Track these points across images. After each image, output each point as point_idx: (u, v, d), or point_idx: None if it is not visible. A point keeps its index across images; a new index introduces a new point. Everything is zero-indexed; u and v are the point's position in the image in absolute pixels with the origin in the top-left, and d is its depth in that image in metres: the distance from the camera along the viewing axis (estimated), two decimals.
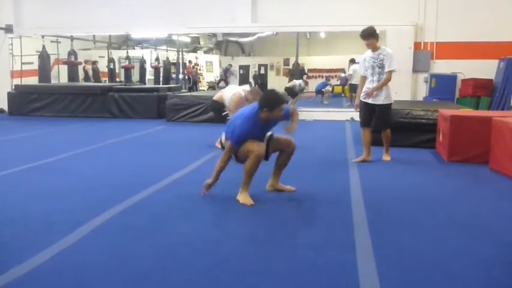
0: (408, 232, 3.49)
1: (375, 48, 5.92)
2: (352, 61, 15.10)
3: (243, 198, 4.19)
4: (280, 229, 3.54)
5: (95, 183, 4.93)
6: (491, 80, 10.66)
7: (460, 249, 3.17)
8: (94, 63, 18.91)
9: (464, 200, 4.47)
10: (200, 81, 22.36)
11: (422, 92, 11.20)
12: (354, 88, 13.17)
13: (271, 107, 4.18)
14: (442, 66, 11.01)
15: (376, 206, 4.09)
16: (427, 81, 11.09)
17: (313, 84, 19.27)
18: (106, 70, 18.77)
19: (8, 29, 12.87)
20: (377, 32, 5.95)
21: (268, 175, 4.53)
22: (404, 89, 11.02)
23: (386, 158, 6.26)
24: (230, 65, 23.90)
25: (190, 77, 20.72)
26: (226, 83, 21.74)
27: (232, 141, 4.24)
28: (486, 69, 10.59)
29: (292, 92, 14.22)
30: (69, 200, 4.28)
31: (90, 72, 18.48)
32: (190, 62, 21.19)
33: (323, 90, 17.19)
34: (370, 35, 5.85)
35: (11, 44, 13.62)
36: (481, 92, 10.60)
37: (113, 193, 4.47)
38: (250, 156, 4.15)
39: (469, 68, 10.69)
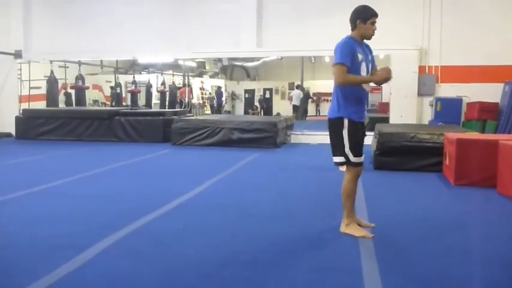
0: (416, 257, 3.43)
1: None
2: None
3: (352, 229, 3.86)
4: (285, 252, 3.50)
5: (99, 207, 4.92)
6: (497, 103, 10.64)
7: (468, 276, 3.11)
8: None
9: (472, 225, 4.42)
10: (205, 106, 22.46)
11: (427, 116, 11.20)
12: None
13: (363, 16, 3.85)
14: (447, 90, 11.03)
15: (382, 230, 4.04)
16: (432, 105, 11.10)
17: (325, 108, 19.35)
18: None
19: (17, 55, 13.08)
20: None
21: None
22: (410, 113, 11.05)
23: None
24: (219, 87, 23.92)
25: (183, 100, 20.47)
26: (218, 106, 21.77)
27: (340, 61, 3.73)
28: (491, 92, 10.59)
29: None
30: (73, 223, 4.26)
31: None
32: (185, 85, 20.94)
33: None
34: None
35: (20, 69, 13.82)
36: (486, 115, 10.57)
37: (117, 217, 4.46)
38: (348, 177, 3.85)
39: (474, 91, 10.70)
